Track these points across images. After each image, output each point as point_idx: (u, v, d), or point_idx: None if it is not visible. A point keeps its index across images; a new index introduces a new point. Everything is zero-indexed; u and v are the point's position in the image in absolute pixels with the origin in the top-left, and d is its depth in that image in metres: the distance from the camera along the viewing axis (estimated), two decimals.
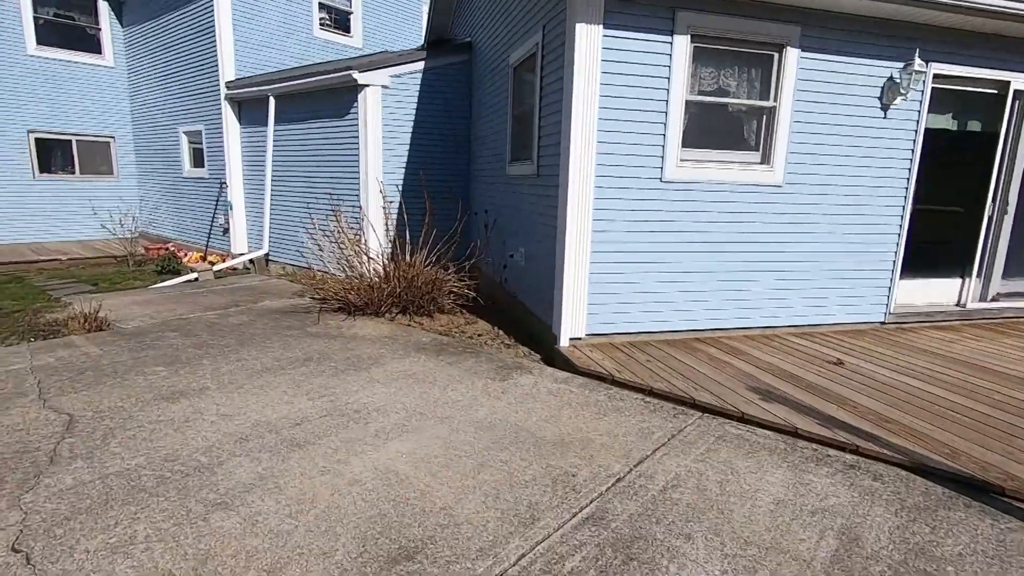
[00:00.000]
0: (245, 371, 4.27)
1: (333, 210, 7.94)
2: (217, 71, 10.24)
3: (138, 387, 3.93)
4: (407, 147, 8.53)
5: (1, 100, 11.80)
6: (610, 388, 4.06)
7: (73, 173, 12.99)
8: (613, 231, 4.77)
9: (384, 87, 8.23)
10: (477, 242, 6.51)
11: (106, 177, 13.41)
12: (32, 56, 12.12)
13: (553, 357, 4.85)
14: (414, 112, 8.51)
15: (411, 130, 8.53)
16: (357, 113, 8.26)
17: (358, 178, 8.37)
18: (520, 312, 6.09)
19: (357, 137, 8.30)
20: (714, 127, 4.95)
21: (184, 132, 11.60)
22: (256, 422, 3.41)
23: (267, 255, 10.00)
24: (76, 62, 12.68)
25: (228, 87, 10.11)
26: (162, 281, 8.86)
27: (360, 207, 8.19)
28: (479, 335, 5.69)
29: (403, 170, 8.53)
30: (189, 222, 11.89)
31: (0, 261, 10.17)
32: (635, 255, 4.86)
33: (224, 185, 10.47)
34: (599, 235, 4.74)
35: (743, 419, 3.52)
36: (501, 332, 5.81)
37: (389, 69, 8.23)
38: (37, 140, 12.41)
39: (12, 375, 4.12)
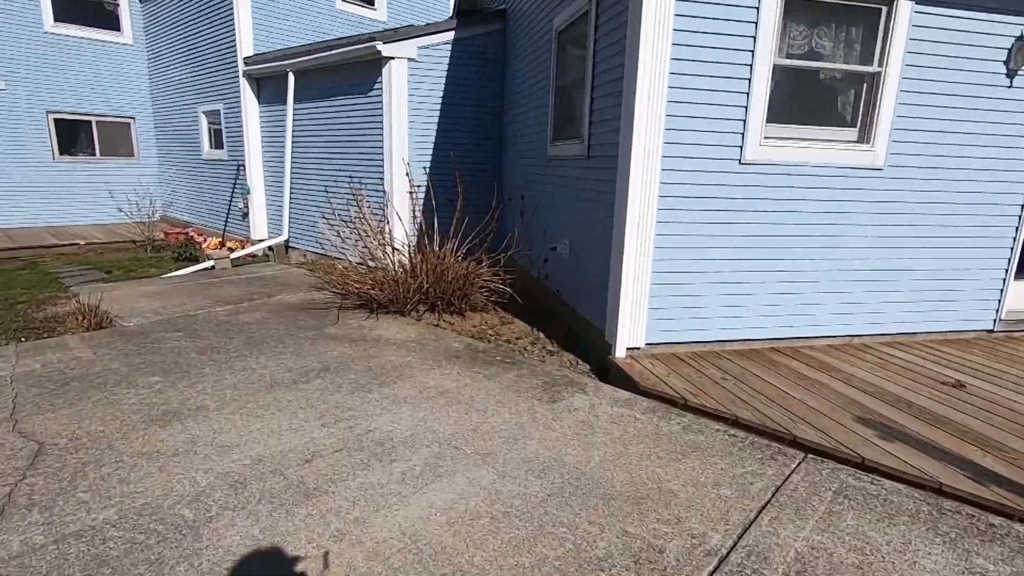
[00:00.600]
0: (251, 385, 3.65)
1: (355, 195, 7.28)
2: (235, 47, 9.60)
3: (126, 405, 3.33)
4: (435, 126, 7.80)
5: (19, 79, 11.38)
6: (683, 415, 3.33)
7: (93, 155, 12.58)
8: (681, 221, 4.00)
9: (410, 60, 7.49)
10: (515, 232, 5.78)
11: (127, 159, 12.99)
12: (50, 33, 11.64)
13: (607, 369, 4.13)
14: (442, 87, 7.76)
15: (439, 107, 7.79)
16: (381, 89, 7.55)
17: (382, 160, 7.69)
18: (563, 312, 5.37)
19: (381, 115, 7.60)
20: (803, 98, 4.11)
21: (203, 112, 11.04)
22: (258, 457, 2.77)
23: (287, 242, 9.43)
24: (94, 39, 12.18)
25: (246, 63, 9.47)
26: (178, 269, 8.35)
27: (384, 191, 7.52)
28: (517, 339, 4.99)
29: (430, 151, 7.81)
30: (208, 206, 11.39)
31: (19, 246, 9.80)
32: (706, 250, 4.08)
33: (242, 167, 9.90)
34: (665, 226, 3.97)
35: (863, 466, 2.77)
36: (541, 335, 5.10)
37: (416, 40, 7.47)
38: (56, 121, 11.99)
39: None
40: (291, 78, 8.74)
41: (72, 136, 12.28)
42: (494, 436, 3.04)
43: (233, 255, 8.66)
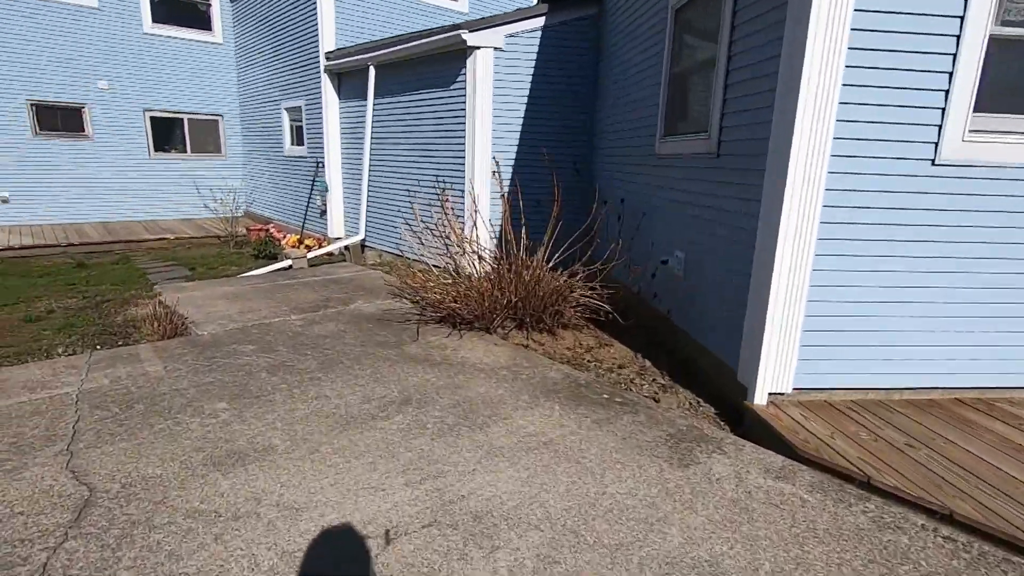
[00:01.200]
0: (325, 419, 3.15)
1: (435, 194, 6.78)
2: (317, 42, 9.38)
3: (189, 439, 2.90)
4: (520, 121, 7.17)
5: (119, 79, 11.78)
6: (867, 499, 2.51)
7: (184, 152, 12.91)
8: (849, 238, 3.14)
9: (496, 49, 6.88)
10: (619, 242, 5.04)
11: (214, 156, 13.26)
12: (148, 34, 11.99)
13: (741, 417, 3.35)
14: (529, 79, 7.11)
15: (525, 100, 7.15)
16: (465, 81, 7.00)
17: (463, 157, 7.15)
18: (674, 337, 4.60)
19: (463, 109, 7.05)
20: (1020, 81, 3.13)
21: (286, 109, 10.98)
22: (329, 529, 2.23)
23: (363, 241, 9.13)
24: (187, 39, 12.46)
25: (327, 58, 9.23)
26: (257, 267, 8.21)
27: (469, 191, 6.98)
28: (620, 367, 4.27)
29: (514, 148, 7.20)
30: (289, 203, 11.35)
31: (116, 239, 10.08)
32: (880, 274, 3.20)
33: (321, 165, 9.70)
34: (828, 244, 3.13)
35: None
36: (648, 364, 4.36)
37: (504, 28, 6.85)
38: (152, 119, 12.37)
39: (54, 404, 3.27)
40: (371, 72, 8.38)
41: (165, 133, 12.63)
42: (621, 517, 2.35)
43: (310, 254, 8.43)
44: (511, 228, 5.23)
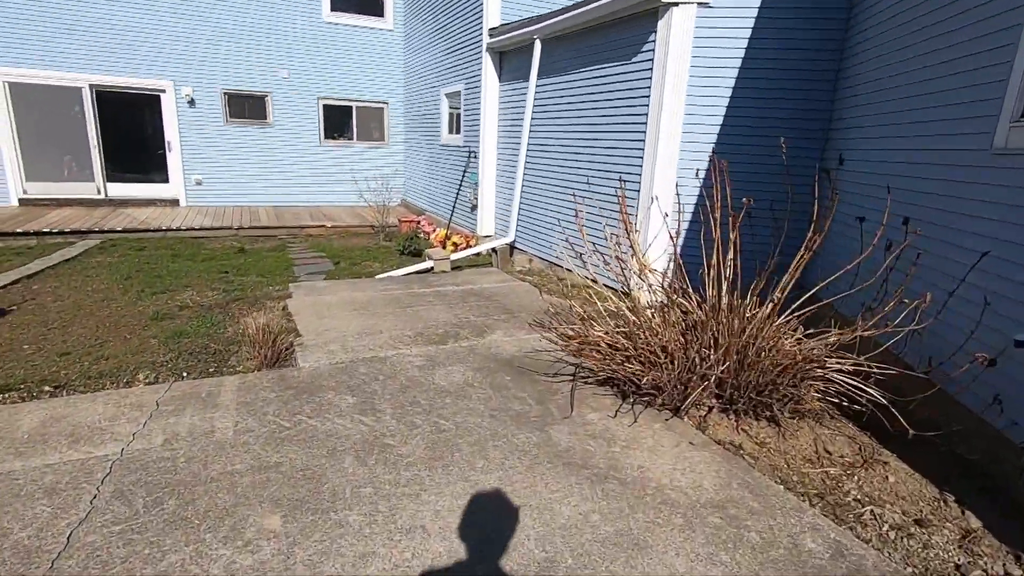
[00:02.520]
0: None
1: (602, 194, 5.24)
2: (481, 18, 8.28)
3: None
4: (726, 103, 5.29)
5: (298, 68, 11.96)
6: None
7: (351, 140, 12.89)
8: None
9: (701, 5, 5.08)
10: (899, 289, 3.04)
11: (378, 144, 13.09)
12: (327, 23, 12.00)
13: None
14: (744, 48, 5.18)
15: (733, 79, 5.24)
16: (652, 51, 5.30)
17: (642, 150, 5.49)
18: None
19: (647, 88, 5.37)
20: None
21: (445, 94, 10.17)
22: None
23: (512, 244, 7.91)
24: (362, 26, 12.29)
25: (490, 35, 8.08)
26: (399, 266, 7.40)
27: (648, 194, 5.33)
28: (917, 521, 2.38)
29: (716, 140, 5.34)
30: (441, 195, 10.59)
31: (280, 225, 10.13)
32: None
33: (473, 155, 8.65)
34: None
35: None
36: (972, 520, 2.40)
37: None
38: (325, 107, 12.46)
39: (76, 481, 2.36)
40: (537, 47, 7.03)
41: (335, 121, 12.67)
42: None
43: (454, 256, 7.40)
44: (718, 250, 3.48)
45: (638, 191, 5.47)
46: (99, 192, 10.92)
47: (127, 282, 6.27)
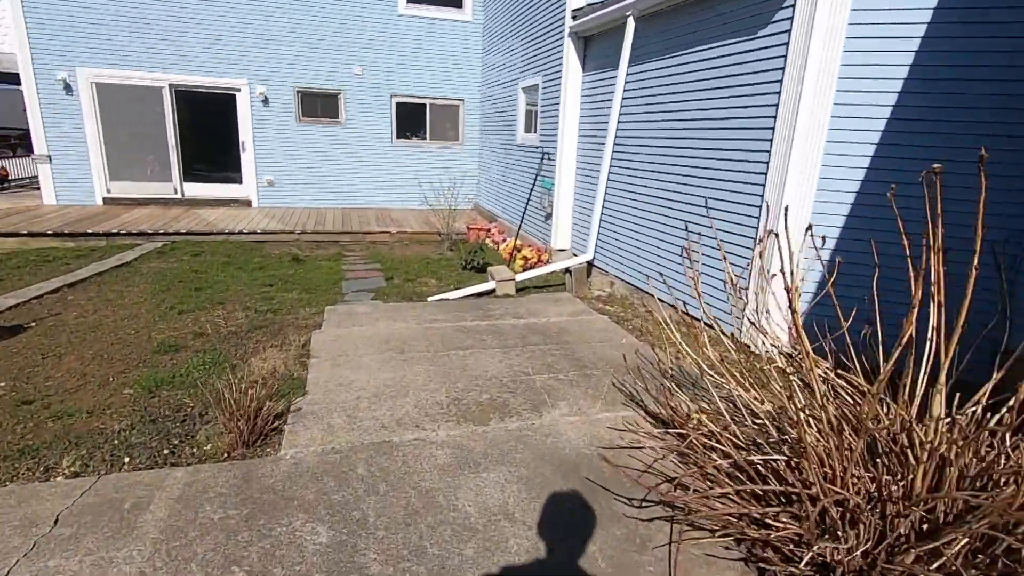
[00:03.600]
0: None
1: (704, 206, 3.86)
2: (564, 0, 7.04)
3: None
4: (897, 90, 3.70)
5: (372, 64, 11.29)
6: None
7: (424, 139, 12.09)
8: None
9: None
10: None
11: (452, 144, 12.20)
12: (403, 15, 11.24)
13: None
14: (927, 18, 3.56)
15: (911, 57, 3.63)
16: (791, 17, 3.82)
17: (766, 152, 4.02)
18: None
19: (780, 71, 3.90)
20: None
21: (522, 88, 9.02)
22: None
23: (591, 262, 6.61)
24: (439, 19, 11.42)
25: (574, 16, 6.81)
26: (458, 285, 6.36)
27: (762, 217, 3.87)
28: None
29: (877, 142, 3.76)
30: (513, 201, 9.47)
31: (345, 230, 9.46)
32: None
33: (548, 156, 7.43)
34: None
35: None
36: None
37: None
38: (398, 104, 11.74)
39: None
40: (629, 27, 5.68)
41: (407, 120, 11.92)
42: None
43: (520, 276, 6.22)
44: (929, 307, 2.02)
45: (759, 206, 4.01)
46: (175, 192, 10.82)
47: (163, 295, 5.67)
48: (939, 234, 1.87)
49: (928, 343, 1.96)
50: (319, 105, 11.26)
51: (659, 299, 4.14)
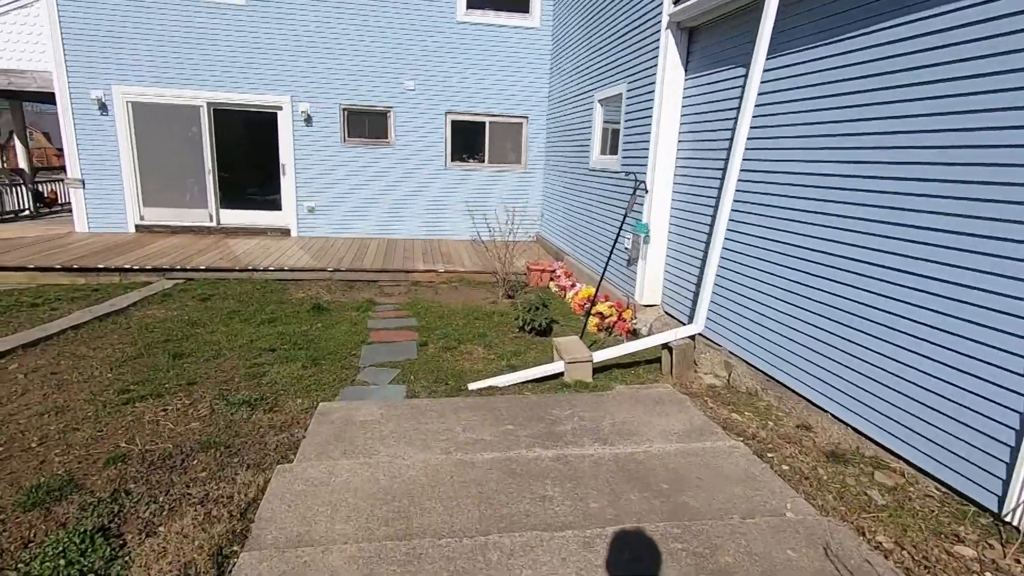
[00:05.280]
0: None
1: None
2: None
3: None
4: None
5: (425, 78, 9.94)
6: None
7: (482, 161, 10.58)
8: None
9: None
10: None
11: (512, 167, 10.62)
12: (461, 23, 9.86)
13: None
14: None
15: None
16: None
17: None
18: None
19: None
20: None
21: (599, 101, 7.29)
22: None
23: (700, 333, 4.68)
24: (502, 25, 9.95)
25: (675, 1, 5.03)
26: (511, 362, 4.64)
27: None
28: None
29: None
30: (586, 236, 7.69)
31: (385, 268, 8.01)
32: None
33: (640, 185, 5.61)
34: None
35: None
36: None
37: None
38: (453, 123, 10.31)
39: None
40: (770, 5, 3.82)
41: (464, 140, 10.45)
42: None
43: (598, 357, 4.38)
44: None
45: None
46: (211, 219, 9.81)
47: (128, 366, 4.30)
48: None
49: None
50: (366, 124, 10.01)
51: (822, 408, 2.23)
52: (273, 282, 7.43)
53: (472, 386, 4.07)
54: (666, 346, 4.51)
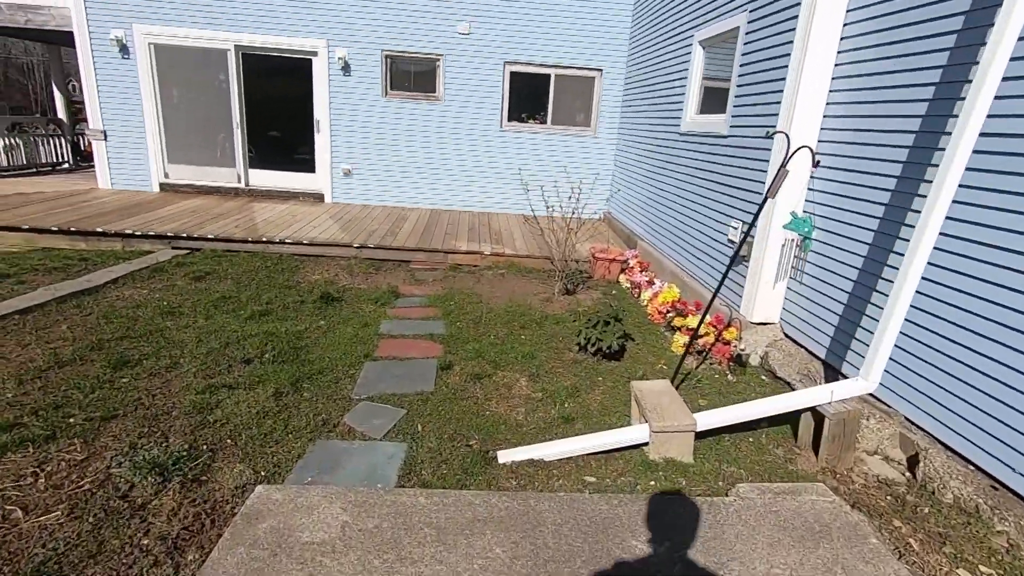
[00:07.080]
0: None
1: None
2: None
3: None
4: None
5: (481, 20, 8.29)
6: None
7: (543, 123, 8.91)
8: None
9: None
10: None
11: (580, 130, 8.88)
12: None
13: None
14: None
15: None
16: None
17: None
18: None
19: None
20: None
21: (699, 42, 5.45)
22: None
23: (870, 393, 2.98)
24: None
25: None
26: (565, 404, 3.16)
27: None
28: None
29: None
30: (672, 219, 5.96)
31: (420, 247, 6.64)
32: None
33: (793, 155, 3.84)
34: None
35: None
36: None
37: None
38: (512, 75, 8.65)
39: None
40: None
41: (523, 95, 8.78)
42: None
43: (703, 422, 2.80)
44: None
45: None
46: (239, 180, 8.75)
47: (41, 379, 3.14)
48: None
49: None
50: (412, 75, 8.53)
51: None
52: (288, 257, 6.23)
53: (504, 458, 2.62)
54: (813, 411, 2.86)
